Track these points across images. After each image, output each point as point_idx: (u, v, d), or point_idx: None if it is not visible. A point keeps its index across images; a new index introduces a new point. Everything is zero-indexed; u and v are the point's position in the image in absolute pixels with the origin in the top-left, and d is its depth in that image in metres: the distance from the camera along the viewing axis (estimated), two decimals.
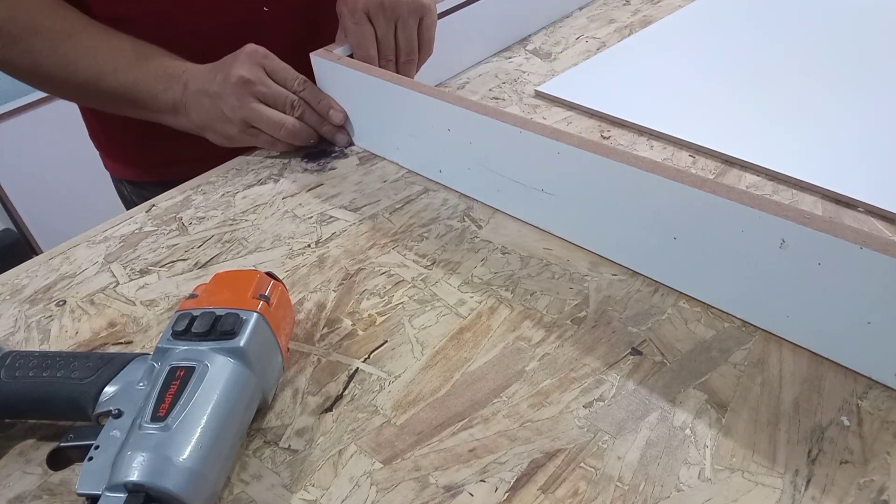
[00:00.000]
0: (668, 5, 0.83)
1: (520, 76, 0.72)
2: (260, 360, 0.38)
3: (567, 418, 0.38)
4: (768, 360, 0.40)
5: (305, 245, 0.52)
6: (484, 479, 0.35)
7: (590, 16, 0.83)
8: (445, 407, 0.39)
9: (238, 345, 0.36)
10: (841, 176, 0.52)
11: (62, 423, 0.39)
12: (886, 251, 0.34)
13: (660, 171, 0.41)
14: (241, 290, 0.40)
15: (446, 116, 0.52)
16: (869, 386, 0.38)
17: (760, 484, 0.34)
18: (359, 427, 0.38)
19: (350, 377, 0.41)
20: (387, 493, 0.35)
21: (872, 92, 0.61)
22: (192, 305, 0.39)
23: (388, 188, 0.58)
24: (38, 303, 0.49)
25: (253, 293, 0.39)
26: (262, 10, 0.67)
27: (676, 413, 0.37)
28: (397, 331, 0.44)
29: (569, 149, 0.45)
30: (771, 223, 0.37)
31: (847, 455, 0.35)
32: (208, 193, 0.59)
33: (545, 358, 0.41)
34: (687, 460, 0.35)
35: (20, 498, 0.36)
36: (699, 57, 0.70)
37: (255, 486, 0.36)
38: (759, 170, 0.54)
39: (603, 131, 0.62)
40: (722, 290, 0.43)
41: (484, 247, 0.50)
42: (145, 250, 0.54)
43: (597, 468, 0.35)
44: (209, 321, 0.37)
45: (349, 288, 0.48)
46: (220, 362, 0.36)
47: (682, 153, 0.58)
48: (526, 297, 0.46)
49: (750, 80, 0.65)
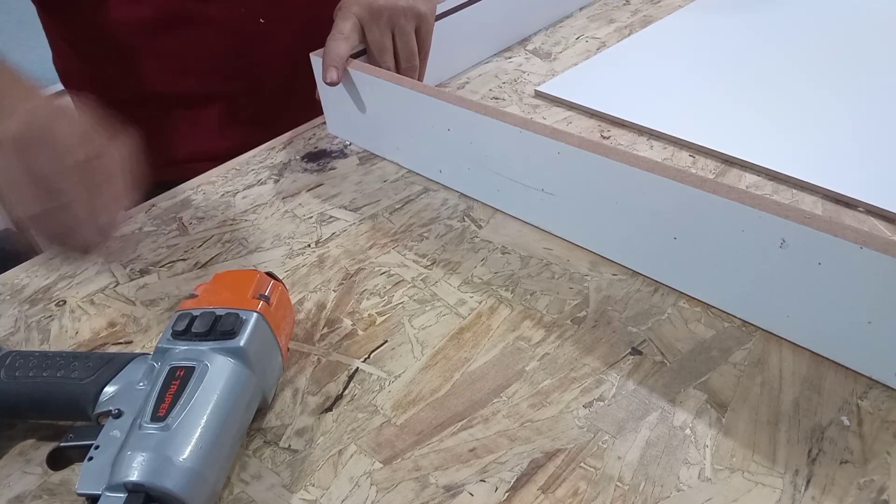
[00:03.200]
0: (668, 5, 0.83)
1: (520, 76, 0.72)
2: (260, 359, 0.38)
3: (567, 418, 0.38)
4: (768, 360, 0.40)
5: (305, 245, 0.52)
6: (484, 479, 0.35)
7: (590, 16, 0.84)
8: (445, 407, 0.39)
9: (238, 345, 0.36)
10: (841, 176, 0.52)
11: (62, 424, 0.39)
12: (886, 251, 0.34)
13: (660, 171, 0.41)
14: (240, 290, 0.40)
15: (446, 116, 0.52)
16: (869, 386, 0.38)
17: (760, 484, 0.34)
18: (359, 427, 0.38)
19: (350, 377, 0.41)
20: (387, 493, 0.35)
21: (872, 92, 0.61)
22: (192, 305, 0.39)
23: (388, 188, 0.58)
24: (38, 303, 0.49)
25: (253, 293, 0.39)
26: (258, 23, 0.68)
27: (676, 413, 0.37)
28: (397, 331, 0.44)
29: (569, 149, 0.45)
30: (771, 223, 0.37)
31: (847, 455, 0.35)
32: (208, 193, 0.59)
33: (545, 358, 0.41)
34: (687, 460, 0.35)
35: (20, 498, 0.36)
36: (699, 57, 0.70)
37: (255, 486, 0.36)
38: (759, 170, 0.54)
39: (603, 131, 0.62)
40: (722, 290, 0.43)
41: (484, 247, 0.50)
42: (145, 250, 0.54)
43: (597, 468, 0.35)
44: (209, 321, 0.37)
45: (349, 288, 0.48)
46: (220, 362, 0.36)
47: (682, 153, 0.58)
48: (526, 297, 0.46)
49: (750, 80, 0.65)
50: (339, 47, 0.58)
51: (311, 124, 0.68)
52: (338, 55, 0.58)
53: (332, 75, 0.57)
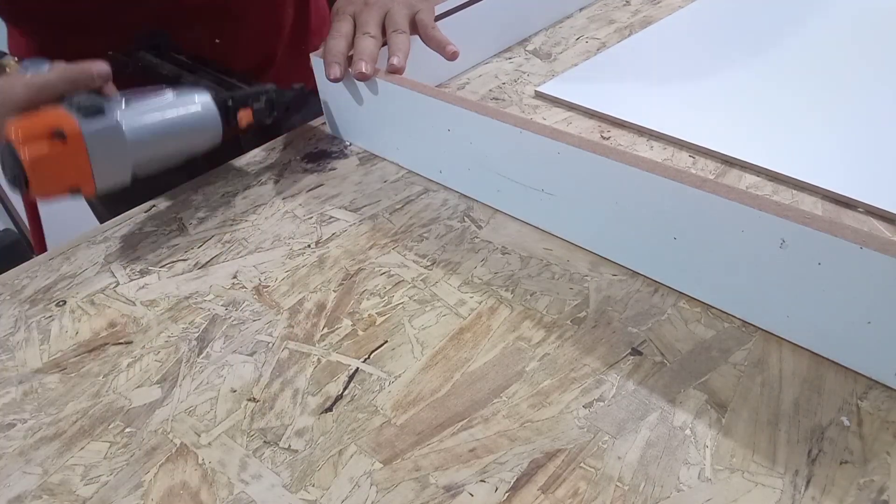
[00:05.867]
0: (668, 6, 0.83)
1: (520, 76, 0.72)
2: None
3: (567, 418, 0.38)
4: (768, 360, 0.40)
5: (305, 245, 0.52)
6: (484, 480, 0.35)
7: (590, 16, 0.84)
8: (445, 407, 0.39)
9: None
10: (841, 176, 0.52)
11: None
12: (886, 251, 0.34)
13: (660, 171, 0.41)
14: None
15: (446, 116, 0.52)
16: (869, 386, 0.38)
17: (760, 484, 0.34)
18: (359, 427, 0.38)
19: (350, 377, 0.41)
20: (387, 494, 0.35)
21: (872, 92, 0.61)
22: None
23: (388, 188, 0.58)
24: (38, 303, 0.49)
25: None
26: (214, 42, 0.70)
27: (676, 413, 0.37)
28: (397, 331, 0.44)
29: (569, 149, 0.45)
30: (771, 223, 0.37)
31: (847, 455, 0.35)
32: (208, 193, 0.59)
33: (545, 358, 0.41)
34: (687, 460, 0.35)
35: (20, 498, 0.37)
36: (699, 57, 0.70)
37: (255, 486, 0.36)
38: (759, 170, 0.54)
39: (603, 131, 0.62)
40: (722, 290, 0.43)
41: (484, 247, 0.50)
42: (145, 250, 0.54)
43: (597, 468, 0.35)
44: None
45: (349, 288, 0.48)
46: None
47: (682, 153, 0.58)
48: (526, 298, 0.46)
49: (750, 80, 0.65)
50: (339, 45, 0.58)
51: (311, 124, 0.68)
52: (339, 52, 0.58)
53: (335, 72, 0.57)
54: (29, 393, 0.43)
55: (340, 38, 0.59)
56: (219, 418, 0.40)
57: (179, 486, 0.36)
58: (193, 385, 0.42)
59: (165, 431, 0.39)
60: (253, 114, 0.57)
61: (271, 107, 0.59)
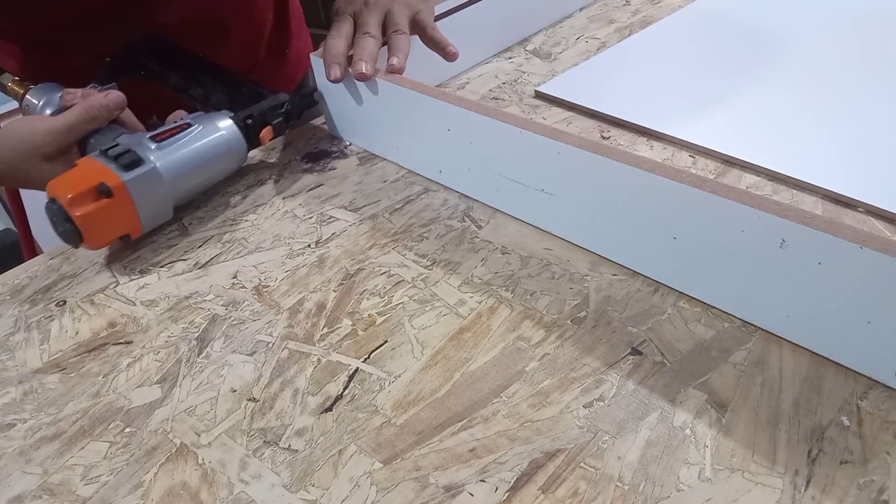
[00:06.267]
0: (668, 5, 0.83)
1: (520, 76, 0.72)
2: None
3: (567, 418, 0.38)
4: (768, 360, 0.40)
5: (305, 245, 0.52)
6: (484, 479, 0.35)
7: (590, 16, 0.84)
8: (445, 407, 0.39)
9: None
10: (841, 176, 0.52)
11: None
12: (886, 251, 0.34)
13: (660, 171, 0.41)
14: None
15: (446, 116, 0.52)
16: (869, 386, 0.38)
17: (760, 484, 0.34)
18: (359, 427, 0.38)
19: (350, 377, 0.41)
20: (387, 493, 0.35)
21: (872, 92, 0.61)
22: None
23: (388, 188, 0.58)
24: (38, 303, 0.49)
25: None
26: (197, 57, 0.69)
27: (676, 413, 0.37)
28: (397, 331, 0.44)
29: (569, 149, 0.45)
30: (771, 223, 0.37)
31: (847, 455, 0.35)
32: (208, 193, 0.59)
33: (545, 358, 0.41)
34: (687, 460, 0.35)
35: (20, 498, 0.37)
36: (699, 57, 0.70)
37: (255, 486, 0.36)
38: (759, 170, 0.54)
39: (603, 131, 0.62)
40: (722, 290, 0.43)
41: (484, 247, 0.50)
42: (145, 250, 0.54)
43: (597, 468, 0.35)
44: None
45: (349, 288, 0.48)
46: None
47: (682, 153, 0.58)
48: (526, 297, 0.46)
49: (750, 80, 0.65)
50: (339, 45, 0.58)
51: (311, 124, 0.68)
52: (339, 52, 0.58)
53: (335, 72, 0.57)
54: (29, 393, 0.43)
55: (340, 38, 0.59)
56: (219, 418, 0.40)
57: (179, 486, 0.36)
58: (193, 385, 0.42)
59: (165, 431, 0.39)
60: (273, 130, 0.59)
61: (288, 117, 0.60)
